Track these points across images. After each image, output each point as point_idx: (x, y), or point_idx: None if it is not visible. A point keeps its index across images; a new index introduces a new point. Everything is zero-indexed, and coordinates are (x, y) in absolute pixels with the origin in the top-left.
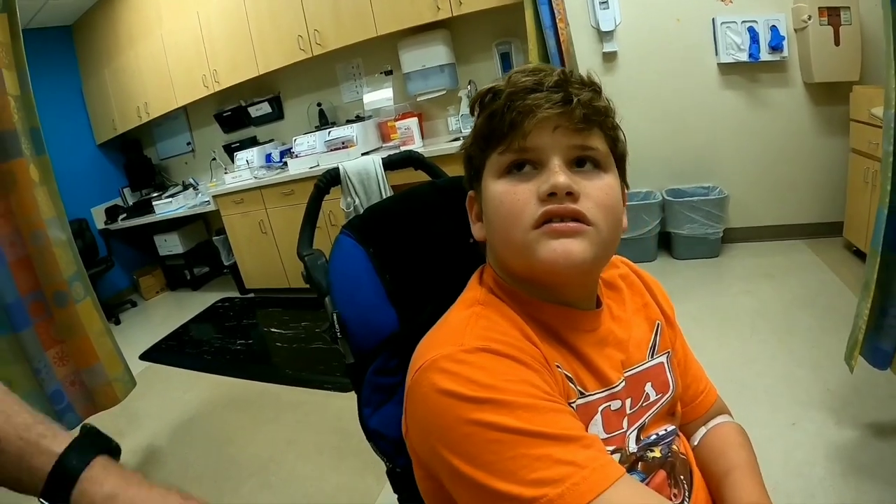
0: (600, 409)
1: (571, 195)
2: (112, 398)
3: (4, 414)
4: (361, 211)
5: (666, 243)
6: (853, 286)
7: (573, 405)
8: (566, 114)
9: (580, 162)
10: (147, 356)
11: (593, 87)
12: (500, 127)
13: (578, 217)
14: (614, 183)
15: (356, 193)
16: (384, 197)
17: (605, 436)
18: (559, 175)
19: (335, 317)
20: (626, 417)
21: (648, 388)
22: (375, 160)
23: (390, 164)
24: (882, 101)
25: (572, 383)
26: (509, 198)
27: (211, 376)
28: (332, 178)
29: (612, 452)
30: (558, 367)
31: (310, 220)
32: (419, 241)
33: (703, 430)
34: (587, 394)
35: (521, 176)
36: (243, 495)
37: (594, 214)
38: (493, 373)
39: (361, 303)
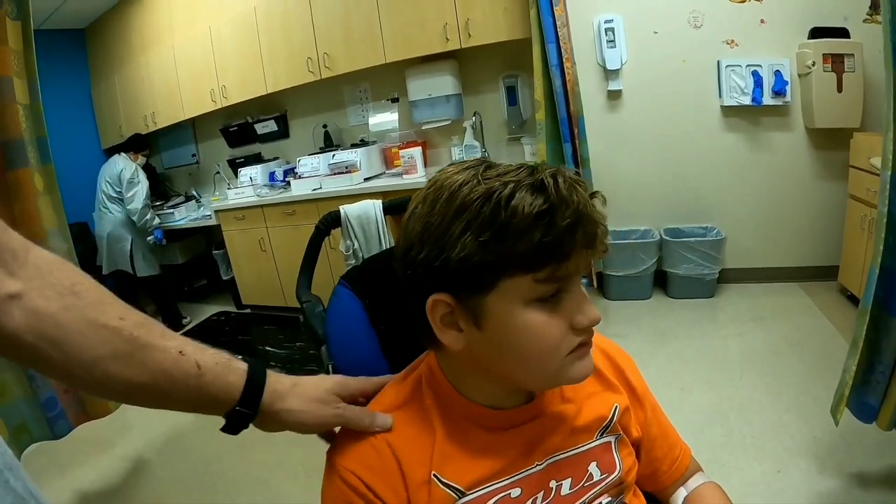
0: (493, 500)
1: None
2: (104, 408)
3: (199, 349)
4: (360, 254)
5: (662, 282)
6: (844, 331)
7: None
8: (593, 236)
9: None
10: None
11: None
12: (548, 252)
13: None
14: None
15: (355, 237)
16: (383, 241)
17: None
18: (593, 310)
19: (330, 368)
20: (532, 501)
21: (593, 467)
22: (376, 204)
23: (391, 208)
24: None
25: (450, 490)
26: (549, 331)
27: None
28: (332, 221)
29: None
30: (436, 476)
31: (309, 262)
32: None
33: (683, 492)
34: (469, 492)
35: (554, 305)
36: None
37: None
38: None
39: (356, 355)
